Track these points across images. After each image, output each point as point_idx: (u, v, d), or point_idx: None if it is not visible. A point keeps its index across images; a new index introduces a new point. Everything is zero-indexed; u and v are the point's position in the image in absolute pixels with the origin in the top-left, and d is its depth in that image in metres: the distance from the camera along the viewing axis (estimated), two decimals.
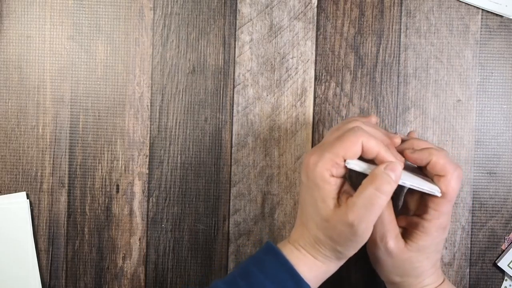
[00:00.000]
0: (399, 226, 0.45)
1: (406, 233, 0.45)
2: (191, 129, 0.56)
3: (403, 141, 0.45)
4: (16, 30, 0.56)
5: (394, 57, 0.55)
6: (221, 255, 0.56)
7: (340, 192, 0.42)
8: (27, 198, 0.56)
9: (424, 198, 0.44)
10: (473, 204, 0.55)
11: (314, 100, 0.56)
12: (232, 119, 0.56)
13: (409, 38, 0.55)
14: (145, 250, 0.56)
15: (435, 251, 0.45)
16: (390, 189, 0.40)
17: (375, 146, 0.40)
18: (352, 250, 0.43)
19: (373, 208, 0.39)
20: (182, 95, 0.56)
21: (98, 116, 0.56)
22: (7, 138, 0.56)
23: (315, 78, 0.56)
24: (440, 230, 0.43)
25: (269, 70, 0.56)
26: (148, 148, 0.56)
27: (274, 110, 0.56)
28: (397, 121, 0.56)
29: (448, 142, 0.55)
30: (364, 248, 0.56)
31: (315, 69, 0.56)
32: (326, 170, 0.40)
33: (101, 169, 0.56)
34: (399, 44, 0.55)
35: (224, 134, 0.56)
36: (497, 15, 0.55)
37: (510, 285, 0.55)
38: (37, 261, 0.56)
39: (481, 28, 0.55)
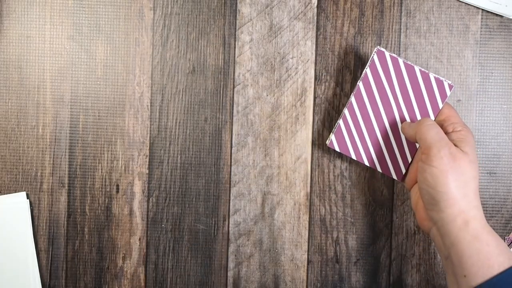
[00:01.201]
0: None
1: None
2: (191, 129, 0.56)
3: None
4: (16, 30, 0.56)
5: None
6: (221, 255, 0.56)
7: None
8: (27, 198, 0.56)
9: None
10: None
11: (314, 100, 0.56)
12: (232, 119, 0.56)
13: (409, 38, 0.55)
14: (145, 250, 0.56)
15: (476, 170, 0.46)
16: None
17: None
18: None
19: None
20: (182, 95, 0.56)
21: (98, 116, 0.56)
22: (7, 138, 0.56)
23: (315, 78, 0.56)
24: (472, 137, 0.47)
25: (269, 70, 0.56)
26: (148, 148, 0.56)
27: (274, 110, 0.56)
28: None
29: None
30: (364, 249, 0.56)
31: (315, 69, 0.56)
32: None
33: (101, 169, 0.56)
34: (399, 44, 0.55)
35: (224, 134, 0.56)
36: (497, 15, 0.55)
37: None
38: (37, 261, 0.56)
39: (481, 28, 0.55)
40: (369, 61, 0.51)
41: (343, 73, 0.55)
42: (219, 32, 0.56)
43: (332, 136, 0.52)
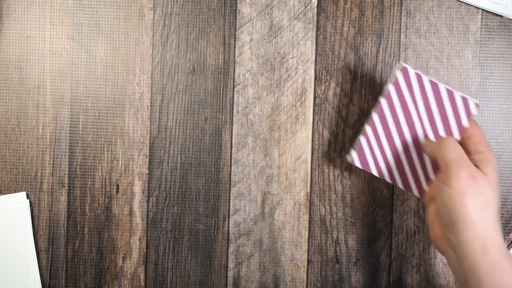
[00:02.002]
0: None
1: None
2: (191, 129, 0.56)
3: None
4: (16, 30, 0.56)
5: (394, 57, 0.55)
6: (221, 255, 0.56)
7: None
8: (27, 198, 0.56)
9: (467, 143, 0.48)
10: None
11: (314, 100, 0.56)
12: (232, 119, 0.56)
13: (409, 38, 0.55)
14: (145, 250, 0.56)
15: (496, 194, 0.45)
16: None
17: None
18: None
19: None
20: (182, 95, 0.56)
21: (98, 116, 0.56)
22: (7, 138, 0.56)
23: (315, 78, 0.56)
24: (494, 158, 0.46)
25: (269, 70, 0.56)
26: (148, 148, 0.56)
27: (274, 110, 0.56)
28: None
29: None
30: (364, 249, 0.56)
31: (315, 69, 0.56)
32: None
33: (101, 169, 0.56)
34: (399, 44, 0.55)
35: (224, 134, 0.56)
36: (497, 15, 0.55)
37: None
38: (37, 261, 0.56)
39: (481, 28, 0.55)
40: (391, 77, 0.49)
41: (343, 73, 0.55)
42: (219, 32, 0.56)
43: (353, 153, 0.52)
